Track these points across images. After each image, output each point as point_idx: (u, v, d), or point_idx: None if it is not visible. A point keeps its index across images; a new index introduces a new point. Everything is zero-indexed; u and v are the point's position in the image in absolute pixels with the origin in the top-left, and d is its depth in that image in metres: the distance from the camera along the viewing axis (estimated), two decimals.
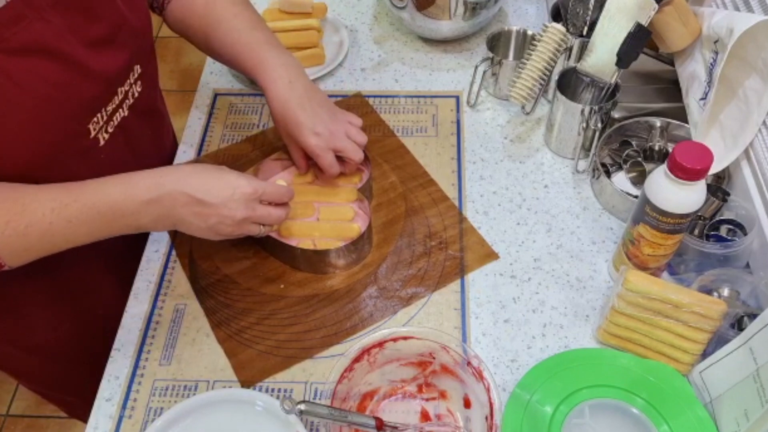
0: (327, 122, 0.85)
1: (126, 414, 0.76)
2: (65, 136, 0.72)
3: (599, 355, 0.77)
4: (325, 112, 0.86)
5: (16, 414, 1.76)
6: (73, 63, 0.70)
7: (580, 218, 0.91)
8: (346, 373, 0.71)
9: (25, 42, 0.65)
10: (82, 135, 0.75)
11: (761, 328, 0.65)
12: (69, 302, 0.91)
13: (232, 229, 0.76)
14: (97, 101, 0.75)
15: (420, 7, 1.07)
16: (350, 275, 0.86)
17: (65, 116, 0.71)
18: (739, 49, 0.79)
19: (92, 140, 0.76)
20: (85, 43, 0.71)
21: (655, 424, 0.71)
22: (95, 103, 0.75)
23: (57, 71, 0.68)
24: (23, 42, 0.64)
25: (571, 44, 0.97)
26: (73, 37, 0.70)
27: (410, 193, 0.94)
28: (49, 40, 0.67)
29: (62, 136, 0.72)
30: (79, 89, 0.71)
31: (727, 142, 0.85)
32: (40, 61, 0.67)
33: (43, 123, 0.69)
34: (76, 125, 0.73)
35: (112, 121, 0.79)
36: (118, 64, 0.77)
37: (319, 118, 0.84)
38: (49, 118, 0.69)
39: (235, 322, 0.82)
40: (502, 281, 0.85)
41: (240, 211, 0.74)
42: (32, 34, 0.65)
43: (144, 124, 0.88)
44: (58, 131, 0.71)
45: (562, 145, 0.97)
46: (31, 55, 0.66)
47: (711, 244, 0.80)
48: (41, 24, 0.66)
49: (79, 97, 0.72)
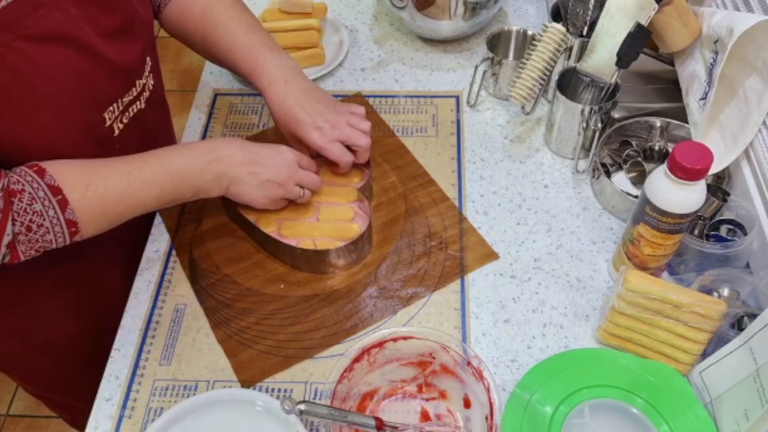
0: (327, 115, 0.86)
1: (126, 414, 0.76)
2: (83, 124, 0.74)
3: (599, 355, 0.77)
4: (324, 106, 0.86)
5: (16, 414, 1.76)
6: (91, 52, 0.71)
7: (580, 218, 0.91)
8: (346, 373, 0.71)
9: (44, 29, 0.66)
10: (98, 124, 0.76)
11: (761, 328, 0.65)
12: (77, 295, 0.92)
13: (278, 189, 0.82)
14: (114, 91, 0.77)
15: (420, 7, 1.07)
16: (350, 275, 0.86)
17: (84, 104, 0.73)
18: (739, 49, 0.79)
19: (107, 129, 0.78)
20: (101, 34, 0.73)
21: (655, 424, 0.71)
22: (112, 93, 0.77)
23: (75, 59, 0.70)
24: (43, 29, 0.66)
25: (571, 44, 0.97)
26: (89, 27, 0.71)
27: (410, 193, 0.94)
28: (68, 29, 0.68)
29: (80, 124, 0.73)
30: (96, 78, 0.73)
31: (727, 142, 0.85)
32: (60, 48, 0.68)
33: (63, 110, 0.70)
34: (93, 114, 0.75)
35: (127, 112, 0.81)
36: (133, 55, 0.79)
37: (318, 112, 0.85)
38: (68, 105, 0.70)
39: (235, 322, 0.82)
40: (502, 281, 0.85)
41: (284, 170, 0.82)
42: (51, 21, 0.66)
43: (156, 117, 0.91)
44: (77, 119, 0.72)
45: (562, 145, 0.97)
46: (50, 42, 0.67)
47: (711, 244, 0.80)
48: (59, 13, 0.67)
49: (96, 86, 0.73)
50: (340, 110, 0.88)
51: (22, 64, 0.65)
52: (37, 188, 0.67)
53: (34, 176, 0.67)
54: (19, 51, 0.64)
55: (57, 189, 0.68)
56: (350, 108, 0.89)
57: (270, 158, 0.81)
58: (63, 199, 0.68)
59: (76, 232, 0.70)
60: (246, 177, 0.80)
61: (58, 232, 0.69)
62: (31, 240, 0.68)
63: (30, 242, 0.68)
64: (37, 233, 0.68)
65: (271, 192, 0.82)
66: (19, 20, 0.63)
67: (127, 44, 0.77)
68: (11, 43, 0.63)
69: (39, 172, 0.68)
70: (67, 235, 0.70)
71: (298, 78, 0.87)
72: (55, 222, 0.68)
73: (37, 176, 0.67)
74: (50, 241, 0.69)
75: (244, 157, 0.80)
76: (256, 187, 0.81)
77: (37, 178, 0.67)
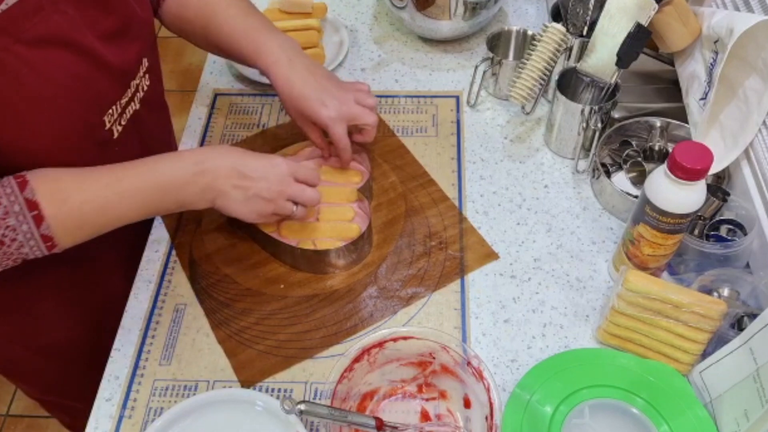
0: (334, 92, 0.85)
1: (126, 414, 0.76)
2: (83, 127, 0.73)
3: (599, 355, 0.77)
4: (329, 83, 0.86)
5: (16, 414, 1.76)
6: (90, 55, 0.71)
7: (580, 218, 0.91)
8: (346, 373, 0.71)
9: (43, 33, 0.65)
10: (98, 127, 0.76)
11: (761, 328, 0.65)
12: (77, 299, 0.92)
13: (267, 205, 0.79)
14: (113, 93, 0.77)
15: (420, 7, 1.07)
16: (350, 275, 0.86)
17: (83, 107, 0.72)
18: (739, 49, 0.79)
19: (107, 132, 0.77)
20: (99, 36, 0.72)
21: (655, 424, 0.71)
22: (111, 95, 0.76)
23: (74, 62, 0.69)
24: (42, 33, 0.65)
25: (571, 44, 0.97)
26: (88, 29, 0.71)
27: (410, 193, 0.94)
28: (66, 32, 0.68)
29: (80, 128, 0.73)
30: (95, 81, 0.72)
31: (727, 142, 0.85)
32: (59, 52, 0.67)
33: (63, 113, 0.70)
34: (92, 117, 0.74)
35: (125, 114, 0.80)
36: (130, 56, 0.78)
37: (324, 89, 0.85)
38: (68, 108, 0.70)
39: (235, 322, 0.82)
40: (502, 281, 0.85)
41: (275, 185, 0.78)
42: (50, 25, 0.66)
43: (153, 118, 0.90)
44: (76, 122, 0.72)
45: (562, 145, 0.97)
46: (49, 46, 0.66)
47: (711, 244, 0.80)
48: (58, 16, 0.67)
49: (96, 88, 0.73)
50: (346, 87, 0.88)
51: (20, 68, 0.64)
52: (13, 202, 0.66)
53: (14, 188, 0.66)
54: (17, 55, 0.64)
55: (34, 203, 0.67)
56: (355, 85, 0.90)
57: (261, 171, 0.78)
58: (38, 215, 0.67)
59: (53, 246, 0.69)
60: (232, 191, 0.77)
61: (33, 246, 0.68)
62: (6, 253, 0.67)
63: (4, 255, 0.67)
64: (11, 247, 0.67)
65: (258, 207, 0.79)
66: (18, 24, 0.63)
67: (124, 46, 0.77)
68: (9, 47, 0.63)
69: (21, 185, 0.67)
70: (44, 248, 0.69)
71: (301, 56, 0.87)
72: (29, 236, 0.67)
73: (17, 188, 0.66)
74: (26, 254, 0.69)
75: (232, 170, 0.77)
76: (243, 202, 0.78)
77: (17, 190, 0.66)
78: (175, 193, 0.75)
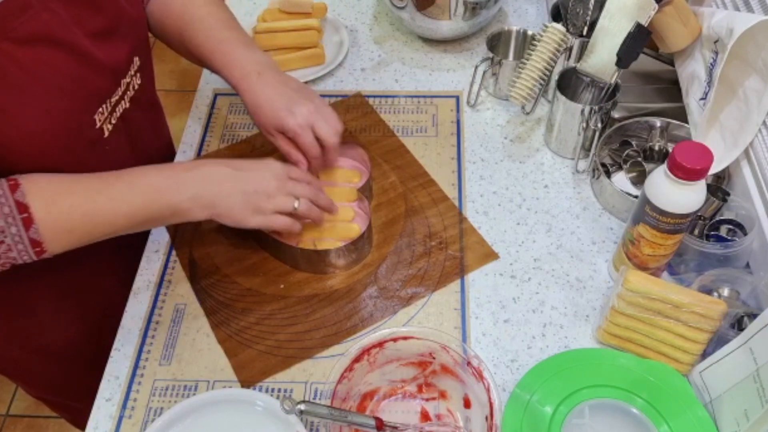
0: (302, 103, 0.83)
1: (126, 414, 0.76)
2: (74, 126, 0.73)
3: (599, 355, 0.77)
4: (299, 95, 0.84)
5: (16, 414, 1.76)
6: (80, 53, 0.70)
7: (580, 218, 0.91)
8: (346, 373, 0.71)
9: (32, 32, 0.65)
10: (89, 126, 0.75)
11: (761, 328, 0.65)
12: (76, 301, 0.92)
13: (268, 201, 0.77)
14: (103, 92, 0.76)
15: (420, 7, 1.07)
16: (350, 275, 0.86)
17: (74, 106, 0.72)
18: (739, 49, 0.79)
19: (98, 131, 0.77)
20: (89, 35, 0.72)
21: (655, 424, 0.71)
22: (101, 93, 0.76)
23: (64, 61, 0.69)
24: (31, 32, 0.65)
25: (571, 44, 0.97)
26: (77, 28, 0.70)
27: (410, 193, 0.94)
28: (56, 31, 0.67)
29: (72, 127, 0.72)
30: (86, 79, 0.72)
31: (727, 142, 0.85)
32: (48, 50, 0.67)
33: (54, 112, 0.69)
34: (83, 115, 0.74)
35: (115, 112, 0.80)
36: (120, 55, 0.78)
37: (292, 99, 0.83)
38: (59, 107, 0.70)
39: (235, 322, 0.82)
40: (502, 281, 0.85)
41: (272, 181, 0.78)
42: (39, 23, 0.66)
43: (144, 117, 0.89)
44: (67, 121, 0.71)
45: (562, 145, 0.97)
46: (39, 44, 0.66)
47: (711, 244, 0.80)
48: (47, 14, 0.66)
49: (87, 87, 0.73)
50: (317, 102, 0.85)
51: (9, 66, 0.64)
52: (3, 204, 0.65)
53: (5, 190, 0.66)
54: (6, 54, 0.63)
55: (24, 206, 0.66)
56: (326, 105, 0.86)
57: (255, 168, 0.78)
58: (28, 218, 0.66)
59: (41, 251, 0.68)
60: (230, 191, 0.75)
61: (21, 250, 0.67)
62: None
63: None
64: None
65: (260, 203, 0.77)
66: (6, 22, 0.63)
67: (115, 44, 0.76)
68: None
69: (12, 187, 0.66)
70: (32, 253, 0.68)
71: (274, 71, 0.85)
72: (17, 240, 0.66)
73: (8, 191, 0.66)
74: (14, 258, 0.67)
75: (227, 170, 0.75)
76: (243, 202, 0.76)
77: (8, 192, 0.66)
78: (166, 199, 0.73)
